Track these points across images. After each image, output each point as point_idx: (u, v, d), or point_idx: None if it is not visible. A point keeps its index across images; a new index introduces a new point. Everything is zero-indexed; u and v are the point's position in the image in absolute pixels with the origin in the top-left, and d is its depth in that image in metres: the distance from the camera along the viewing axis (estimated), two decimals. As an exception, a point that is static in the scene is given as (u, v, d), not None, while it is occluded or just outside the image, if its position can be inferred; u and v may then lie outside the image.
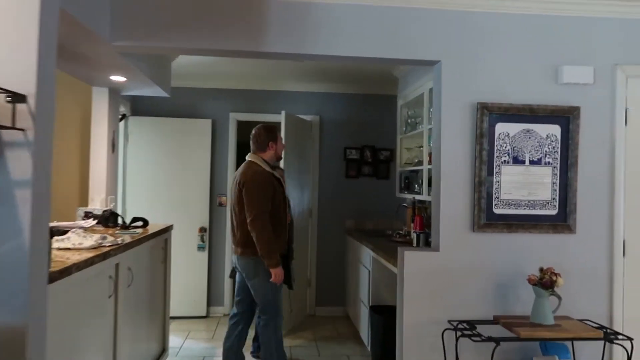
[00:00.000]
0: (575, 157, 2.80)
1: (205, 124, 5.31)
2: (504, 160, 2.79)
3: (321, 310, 5.38)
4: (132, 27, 2.64)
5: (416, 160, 4.40)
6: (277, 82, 5.45)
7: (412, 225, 4.09)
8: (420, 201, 4.23)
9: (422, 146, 4.16)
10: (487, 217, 2.77)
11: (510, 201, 2.80)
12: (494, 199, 2.79)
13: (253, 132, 3.35)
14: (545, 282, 2.52)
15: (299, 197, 5.09)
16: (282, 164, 4.61)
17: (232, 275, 3.64)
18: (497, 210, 2.79)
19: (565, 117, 2.81)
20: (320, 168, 5.54)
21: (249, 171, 3.18)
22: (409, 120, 4.42)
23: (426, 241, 3.87)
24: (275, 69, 4.89)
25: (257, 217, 3.04)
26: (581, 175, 2.81)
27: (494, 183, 2.78)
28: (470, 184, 2.79)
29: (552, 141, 2.81)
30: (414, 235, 3.93)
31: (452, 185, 2.79)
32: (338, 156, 5.52)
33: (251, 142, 3.36)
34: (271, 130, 3.35)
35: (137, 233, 3.23)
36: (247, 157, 3.34)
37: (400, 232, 4.52)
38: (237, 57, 2.91)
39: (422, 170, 4.06)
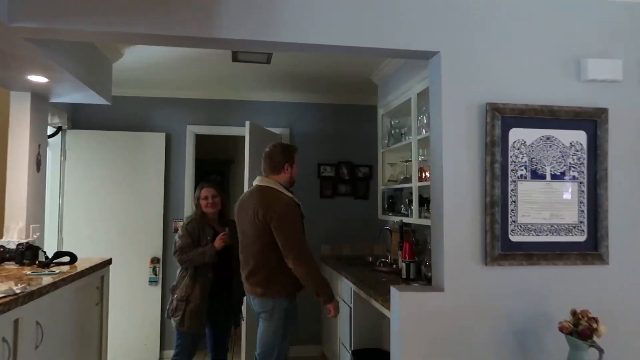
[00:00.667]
0: (605, 170, 2.28)
1: (158, 138, 4.63)
2: (521, 175, 2.24)
3: (294, 349, 4.69)
4: (37, 3, 1.99)
5: (402, 177, 3.83)
6: (242, 91, 4.84)
7: (399, 252, 3.50)
8: (408, 224, 3.64)
9: (409, 160, 3.60)
10: (502, 246, 2.20)
11: (529, 226, 2.24)
12: (509, 223, 2.22)
13: (267, 150, 2.94)
14: (584, 331, 1.95)
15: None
16: (246, 180, 4.00)
17: (238, 324, 3.55)
18: (514, 238, 2.22)
19: (591, 121, 2.29)
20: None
21: (273, 200, 2.77)
22: (393, 132, 3.87)
23: (417, 271, 3.30)
24: (239, 75, 4.28)
25: (301, 252, 2.74)
26: (612, 192, 2.29)
27: (510, 203, 2.22)
28: (480, 204, 2.22)
29: (577, 150, 2.28)
30: (402, 265, 3.36)
31: (458, 206, 2.21)
32: (311, 174, 4.92)
33: (263, 162, 2.94)
34: (289, 150, 2.95)
35: (57, 273, 2.52)
36: (259, 182, 2.90)
37: (385, 259, 3.91)
38: (184, 46, 2.28)
39: (410, 188, 3.49)
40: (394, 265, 3.70)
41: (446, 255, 2.20)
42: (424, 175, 3.20)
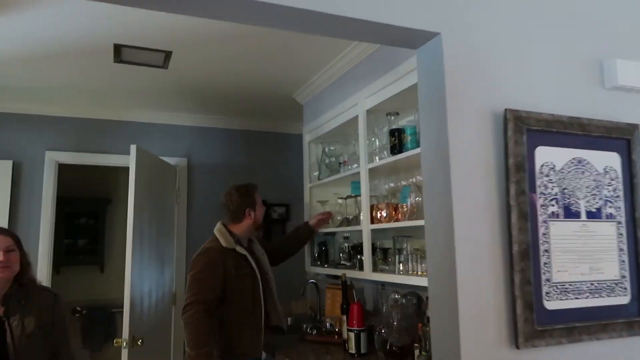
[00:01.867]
0: (643, 205, 1.71)
1: (2, 168, 3.35)
2: (552, 213, 1.58)
3: None
4: None
5: (340, 218, 3.05)
6: (125, 109, 3.78)
7: (344, 318, 2.67)
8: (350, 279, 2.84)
9: (351, 196, 2.84)
10: (537, 318, 1.49)
11: (567, 286, 1.57)
12: (543, 282, 1.53)
13: (222, 199, 2.70)
14: None
15: (155, 277, 3.38)
16: (130, 225, 2.94)
17: None
18: (550, 304, 1.53)
19: (623, 140, 1.73)
20: (189, 232, 3.90)
21: (200, 248, 2.56)
22: (327, 161, 3.11)
23: (369, 341, 2.49)
24: (123, 85, 3.25)
25: (190, 305, 2.34)
26: (653, 235, 1.72)
27: (541, 254, 1.54)
28: (503, 257, 1.51)
29: (612, 179, 1.69)
30: (349, 335, 2.53)
31: (475, 261, 1.47)
32: (214, 215, 3.92)
33: (222, 211, 2.70)
34: (246, 192, 2.65)
35: None
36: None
37: (318, 324, 3.04)
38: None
39: (355, 232, 2.72)
40: (336, 335, 2.84)
41: (463, 337, 1.42)
42: (378, 215, 2.45)
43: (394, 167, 2.44)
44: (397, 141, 2.24)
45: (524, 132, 1.54)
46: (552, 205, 1.58)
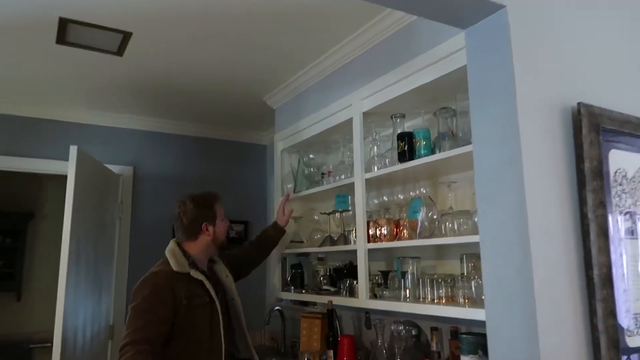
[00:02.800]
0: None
1: None
2: (627, 229, 1.32)
3: None
4: None
5: (318, 237, 2.68)
6: (61, 105, 3.21)
7: (330, 353, 2.29)
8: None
9: (337, 211, 2.49)
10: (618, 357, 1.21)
11: (644, 317, 1.30)
12: (624, 314, 1.25)
13: (175, 210, 2.19)
14: None
15: (92, 306, 2.83)
16: (66, 243, 2.41)
17: None
18: (631, 341, 1.26)
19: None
20: (132, 253, 3.35)
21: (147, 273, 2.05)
22: (306, 172, 2.73)
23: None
24: (60, 77, 2.71)
25: (130, 345, 1.80)
26: None
27: (620, 279, 1.27)
28: (578, 283, 1.22)
29: (676, 191, 1.47)
30: (340, 375, 2.13)
31: (549, 286, 1.17)
32: (163, 233, 3.42)
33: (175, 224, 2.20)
34: (205, 203, 2.17)
35: None
36: None
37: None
38: None
39: (336, 254, 2.37)
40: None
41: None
42: (377, 232, 2.11)
43: (398, 177, 2.13)
44: (408, 147, 1.94)
45: (599, 131, 1.28)
46: (627, 221, 1.32)
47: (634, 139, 1.38)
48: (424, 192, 2.13)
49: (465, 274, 1.88)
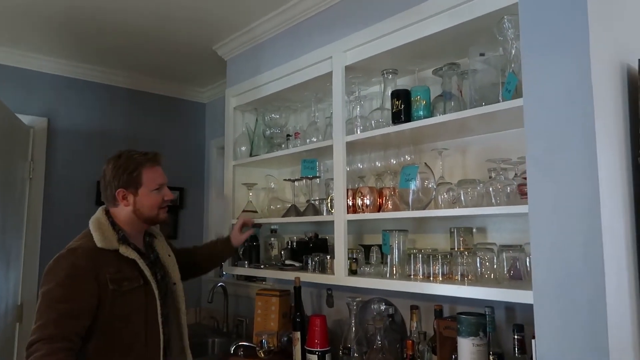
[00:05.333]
0: None
1: None
2: (670, 203, 1.22)
3: None
4: None
5: (279, 207, 2.40)
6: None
7: (292, 335, 2.06)
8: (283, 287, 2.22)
9: (305, 178, 2.23)
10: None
11: (682, 297, 1.22)
12: (669, 295, 1.16)
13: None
14: None
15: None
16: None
17: None
18: (674, 323, 1.16)
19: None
20: (46, 221, 2.85)
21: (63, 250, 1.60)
22: (267, 132, 2.42)
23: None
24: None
25: (40, 342, 1.41)
26: None
27: (666, 256, 1.17)
28: (635, 258, 1.10)
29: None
30: (310, 359, 1.93)
31: (617, 263, 1.03)
32: (83, 198, 2.94)
33: None
34: (124, 164, 1.69)
35: None
36: None
37: (244, 344, 2.34)
38: None
39: (294, 226, 2.14)
40: (270, 354, 2.17)
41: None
42: (360, 202, 1.89)
43: (384, 141, 1.91)
44: (404, 107, 1.72)
45: (657, 93, 1.15)
46: (669, 194, 1.22)
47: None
48: (409, 159, 1.94)
49: (456, 249, 1.73)
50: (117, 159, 1.71)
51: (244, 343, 2.34)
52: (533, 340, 1.15)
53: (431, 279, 1.66)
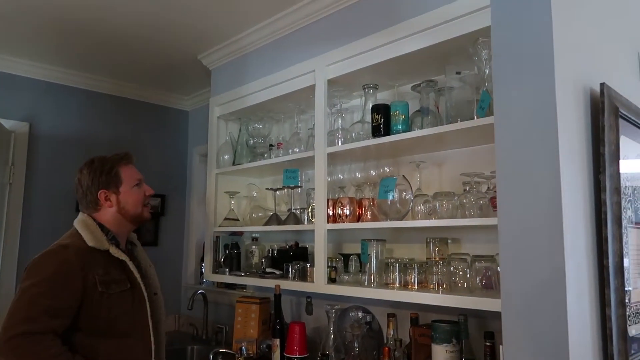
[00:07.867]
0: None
1: None
2: (629, 218, 1.30)
3: None
4: None
5: (260, 215, 2.44)
6: None
7: (272, 342, 2.10)
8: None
9: (286, 187, 2.27)
10: (628, 348, 1.19)
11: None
12: (627, 303, 1.23)
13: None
14: None
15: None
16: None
17: None
18: (631, 330, 1.24)
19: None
20: (25, 227, 2.83)
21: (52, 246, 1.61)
22: (250, 142, 2.46)
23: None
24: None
25: (20, 334, 1.39)
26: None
27: (624, 269, 1.24)
28: (594, 272, 1.17)
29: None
30: (288, 365, 1.97)
31: (575, 275, 1.10)
32: (63, 204, 2.93)
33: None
34: (100, 167, 1.69)
35: None
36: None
37: (223, 350, 2.37)
38: None
39: (275, 234, 2.18)
40: (249, 356, 2.20)
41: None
42: (339, 212, 1.95)
43: (363, 154, 1.98)
44: (384, 121, 1.78)
45: (617, 115, 1.24)
46: (629, 209, 1.30)
47: (636, 129, 1.36)
48: (387, 171, 2.01)
49: (432, 259, 1.80)
50: (91, 164, 1.70)
51: (223, 350, 2.36)
52: (501, 346, 1.21)
53: (408, 287, 1.72)
